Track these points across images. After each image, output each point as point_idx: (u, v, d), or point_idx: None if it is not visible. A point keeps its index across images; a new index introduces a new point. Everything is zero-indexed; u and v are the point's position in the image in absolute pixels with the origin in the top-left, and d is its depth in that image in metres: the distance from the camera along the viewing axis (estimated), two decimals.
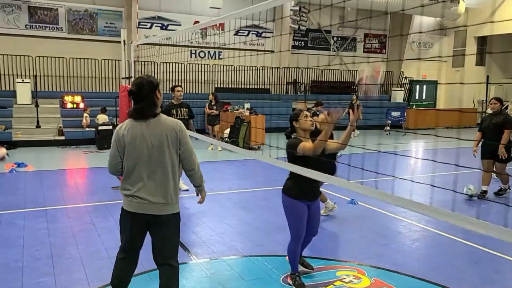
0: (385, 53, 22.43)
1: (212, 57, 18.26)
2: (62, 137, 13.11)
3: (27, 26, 15.24)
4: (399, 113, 18.96)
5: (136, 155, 2.98)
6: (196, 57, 17.91)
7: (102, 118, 13.08)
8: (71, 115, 13.96)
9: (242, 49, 18.04)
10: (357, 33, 21.38)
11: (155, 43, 14.67)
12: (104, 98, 14.76)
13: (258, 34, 19.07)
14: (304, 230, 3.77)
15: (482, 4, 21.29)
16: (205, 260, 4.51)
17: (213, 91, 15.26)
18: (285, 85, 19.46)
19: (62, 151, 12.14)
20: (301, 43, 20.20)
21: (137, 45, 12.00)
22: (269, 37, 19.32)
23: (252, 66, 17.57)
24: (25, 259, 4.47)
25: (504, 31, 20.24)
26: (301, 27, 17.07)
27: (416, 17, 21.55)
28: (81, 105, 14.12)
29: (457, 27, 21.50)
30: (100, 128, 12.46)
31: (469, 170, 7.72)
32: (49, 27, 15.56)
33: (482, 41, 23.00)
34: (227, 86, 17.99)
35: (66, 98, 14.17)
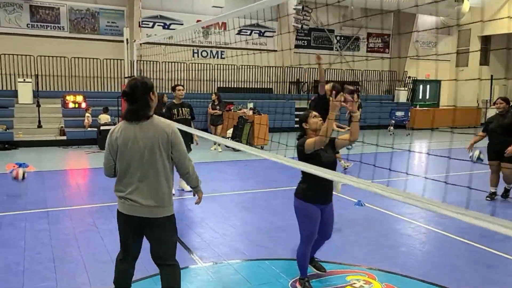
0: (389, 53, 22.28)
1: (214, 57, 18.15)
2: (64, 137, 13.02)
3: (28, 25, 15.14)
4: (403, 113, 18.83)
5: (129, 158, 2.95)
6: (198, 56, 17.79)
7: (104, 118, 13.00)
8: (73, 115, 13.87)
9: (244, 48, 17.93)
10: (360, 32, 21.23)
11: (159, 42, 14.56)
12: (106, 97, 14.66)
13: (261, 34, 18.94)
14: (316, 234, 3.66)
15: (487, 3, 21.12)
16: (210, 264, 4.40)
17: (215, 91, 15.16)
18: (288, 84, 19.33)
19: (63, 151, 12.04)
20: (304, 43, 20.06)
21: (140, 43, 11.91)
22: (272, 37, 19.19)
23: (254, 66, 17.44)
24: (26, 261, 4.37)
25: (508, 30, 20.09)
26: (304, 26, 16.93)
27: (419, 16, 21.40)
28: (83, 105, 14.04)
29: (464, 24, 21.25)
30: (102, 128, 12.36)
31: (478, 170, 7.66)
32: (51, 26, 15.46)
33: (486, 41, 22.86)
34: (230, 86, 17.88)
35: (67, 97, 14.08)
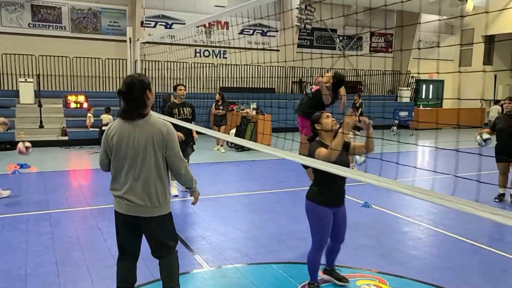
0: (392, 52, 22.17)
1: (216, 56, 18.05)
2: (66, 137, 12.93)
3: (30, 25, 15.05)
4: (406, 113, 18.71)
5: (123, 156, 2.94)
6: (200, 56, 17.69)
7: (106, 118, 12.91)
8: (75, 115, 13.78)
9: (247, 48, 17.82)
10: (363, 31, 21.11)
11: (162, 42, 14.45)
12: (108, 97, 14.56)
13: (263, 33, 18.84)
14: (328, 238, 3.56)
15: (491, 3, 20.99)
16: (217, 268, 4.30)
17: (218, 91, 15.04)
18: (290, 84, 19.22)
19: (65, 152, 11.95)
20: (306, 42, 19.96)
21: (143, 42, 11.81)
22: (274, 36, 19.08)
23: (257, 65, 17.33)
24: (28, 266, 4.27)
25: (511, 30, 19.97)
26: (307, 25, 16.82)
27: (422, 16, 21.27)
28: (85, 105, 13.95)
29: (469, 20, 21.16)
30: (104, 128, 12.23)
31: (487, 171, 7.54)
32: (52, 26, 15.37)
33: (489, 40, 22.72)
34: (232, 86, 17.78)
35: (69, 97, 13.99)
